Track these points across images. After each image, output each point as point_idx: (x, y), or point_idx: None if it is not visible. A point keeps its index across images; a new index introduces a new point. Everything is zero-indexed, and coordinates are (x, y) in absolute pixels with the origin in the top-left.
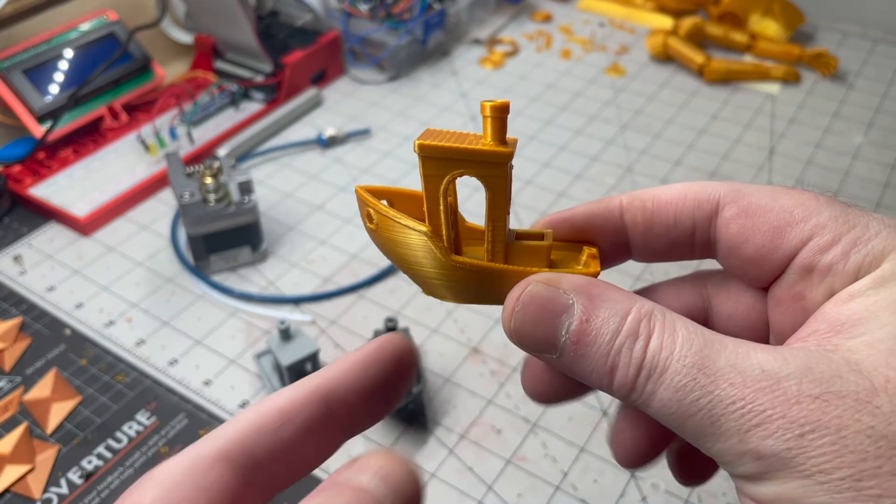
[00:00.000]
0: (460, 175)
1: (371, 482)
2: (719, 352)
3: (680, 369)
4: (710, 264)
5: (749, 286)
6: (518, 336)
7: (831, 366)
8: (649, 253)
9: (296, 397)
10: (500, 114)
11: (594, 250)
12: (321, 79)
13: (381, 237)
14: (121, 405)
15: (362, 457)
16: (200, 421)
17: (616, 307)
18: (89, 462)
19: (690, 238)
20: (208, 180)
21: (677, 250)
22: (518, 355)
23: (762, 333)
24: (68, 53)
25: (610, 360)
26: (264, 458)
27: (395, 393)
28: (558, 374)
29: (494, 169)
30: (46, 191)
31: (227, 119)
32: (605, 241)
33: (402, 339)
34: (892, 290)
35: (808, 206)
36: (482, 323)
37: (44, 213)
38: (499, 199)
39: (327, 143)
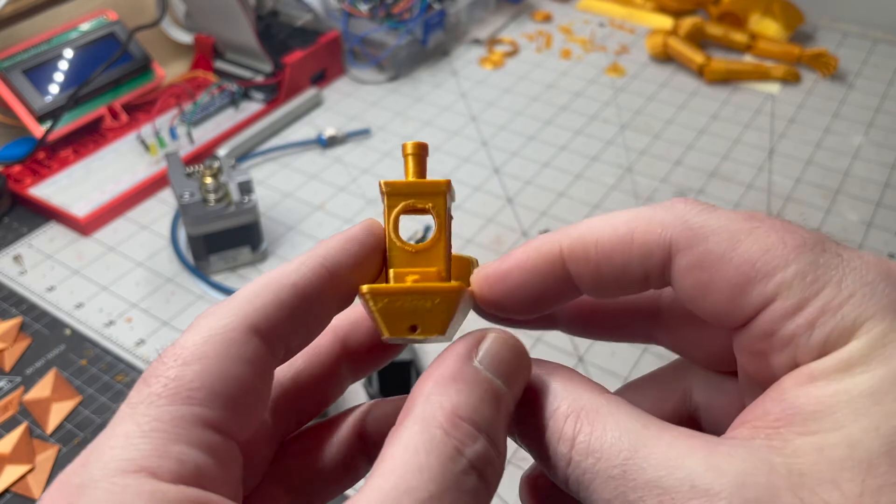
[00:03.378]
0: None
1: (491, 377)
2: (647, 459)
3: (607, 481)
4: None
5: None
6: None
7: (770, 479)
8: (601, 296)
9: (307, 275)
10: (418, 150)
11: None
12: (321, 79)
13: None
14: (121, 405)
15: (483, 340)
16: None
17: (548, 402)
18: None
19: (644, 282)
20: (208, 180)
21: (631, 291)
22: None
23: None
24: (68, 53)
25: (542, 455)
26: (284, 333)
27: (379, 264)
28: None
29: (385, 199)
30: (46, 191)
31: (226, 119)
32: (549, 291)
33: (378, 223)
34: (856, 381)
35: (773, 254)
36: (482, 323)
37: (44, 213)
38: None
39: (327, 143)
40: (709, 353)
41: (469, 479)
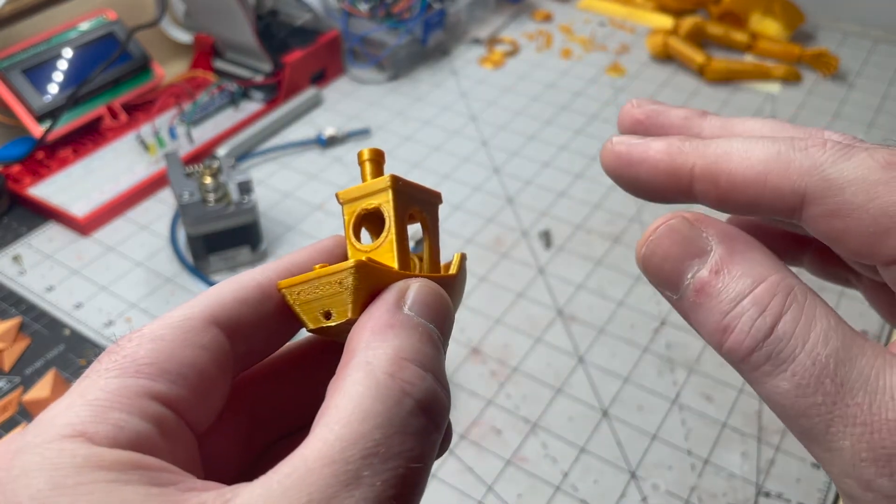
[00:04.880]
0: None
1: (424, 321)
2: (855, 359)
3: (808, 366)
4: None
5: None
6: (645, 265)
7: None
8: (723, 212)
9: (272, 277)
10: (374, 156)
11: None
12: (321, 78)
13: None
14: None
15: (408, 289)
16: None
17: (754, 270)
18: None
19: (769, 216)
20: (207, 180)
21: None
22: (519, 356)
23: None
24: (67, 53)
25: (726, 319)
26: (247, 329)
27: None
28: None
29: (342, 209)
30: (46, 190)
31: (226, 119)
32: (671, 193)
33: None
34: None
35: None
36: (482, 323)
37: (43, 213)
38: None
39: (327, 143)
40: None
41: (417, 420)
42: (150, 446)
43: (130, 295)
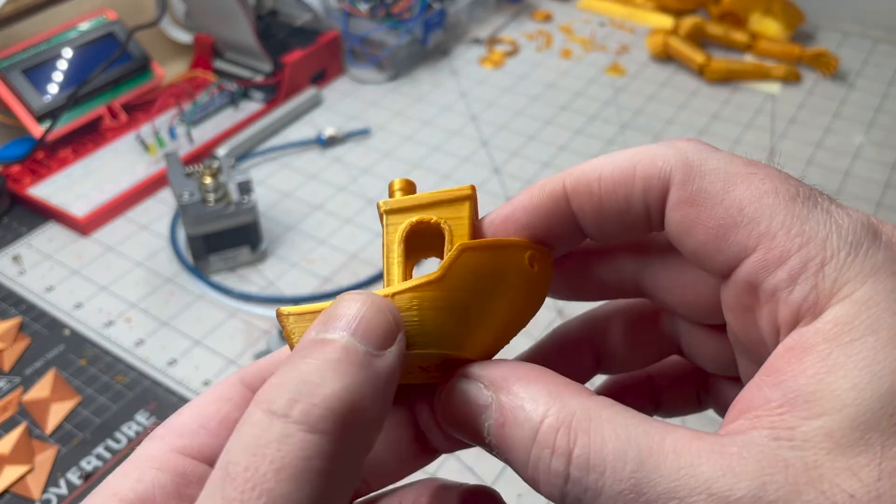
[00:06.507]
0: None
1: (350, 341)
2: (657, 469)
3: (615, 497)
4: None
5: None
6: (448, 429)
7: (788, 476)
8: (605, 236)
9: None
10: (402, 186)
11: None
12: (321, 78)
13: None
14: (120, 405)
15: (337, 306)
16: None
17: (532, 410)
18: (88, 462)
19: (646, 220)
20: (207, 180)
21: (635, 231)
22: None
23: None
24: (67, 53)
25: (529, 471)
26: None
27: None
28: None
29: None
30: (45, 190)
31: (226, 119)
32: (554, 231)
33: None
34: (848, 352)
35: (763, 203)
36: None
37: (43, 213)
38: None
39: (327, 143)
40: (696, 305)
41: (270, 425)
42: (164, 494)
43: (130, 295)
